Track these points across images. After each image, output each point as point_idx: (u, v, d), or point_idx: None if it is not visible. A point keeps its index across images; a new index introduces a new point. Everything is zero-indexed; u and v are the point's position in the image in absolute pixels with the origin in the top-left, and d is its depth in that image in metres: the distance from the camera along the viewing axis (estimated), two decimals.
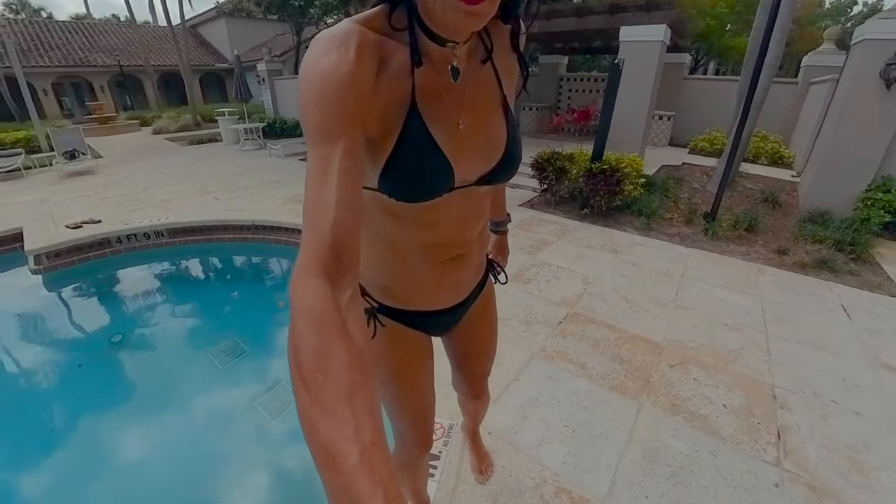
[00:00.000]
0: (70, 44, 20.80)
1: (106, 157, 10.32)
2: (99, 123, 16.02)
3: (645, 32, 5.90)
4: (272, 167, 8.25)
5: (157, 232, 4.81)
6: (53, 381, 3.14)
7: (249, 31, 22.67)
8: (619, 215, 4.95)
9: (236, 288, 4.55)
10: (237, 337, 3.31)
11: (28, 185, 7.71)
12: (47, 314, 4.03)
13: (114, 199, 6.22)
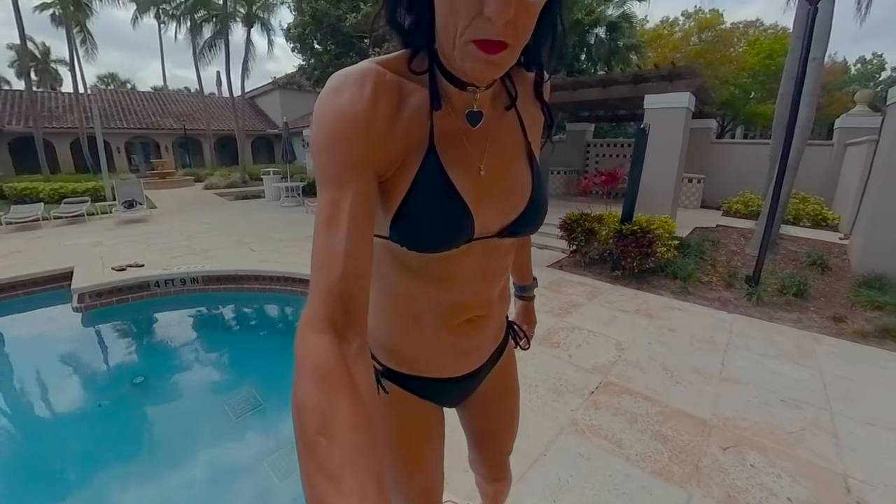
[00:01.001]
0: (145, 110, 23.71)
1: (159, 208, 11.18)
2: (159, 178, 17.64)
3: (669, 100, 6.06)
4: (308, 223, 8.62)
5: (192, 278, 5.00)
6: (73, 417, 3.14)
7: (299, 101, 25.07)
8: (652, 278, 4.75)
9: (259, 338, 4.55)
10: (255, 388, 3.24)
11: (88, 229, 8.38)
12: (79, 351, 4.16)
13: (160, 245, 6.61)
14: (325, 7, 9.33)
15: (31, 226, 8.77)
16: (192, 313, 4.97)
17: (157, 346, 4.30)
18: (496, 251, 0.70)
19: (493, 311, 0.78)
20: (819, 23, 4.44)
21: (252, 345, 4.30)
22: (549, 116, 0.73)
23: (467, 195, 0.60)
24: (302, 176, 14.09)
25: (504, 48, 0.49)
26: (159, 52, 30.18)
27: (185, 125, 22.27)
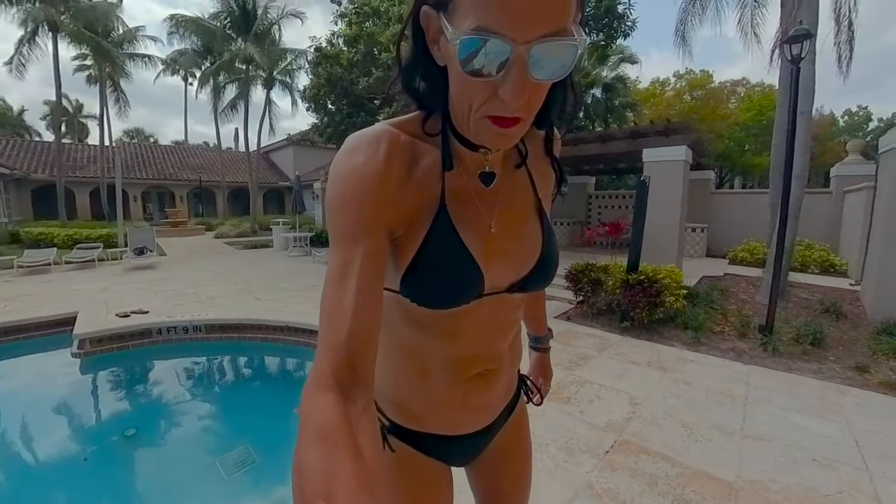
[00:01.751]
0: (165, 162, 24.86)
1: (169, 255, 11.34)
2: (171, 226, 18.08)
3: (666, 153, 6.28)
4: (314, 273, 8.67)
5: (195, 326, 4.95)
6: (53, 469, 2.98)
7: (311, 156, 26.28)
8: (662, 328, 4.64)
9: (258, 390, 4.40)
10: (251, 444, 3.08)
11: (97, 274, 8.47)
12: (73, 399, 4.03)
13: (166, 292, 6.63)
14: (339, 72, 10.04)
15: (41, 270, 8.90)
16: (192, 362, 4.86)
17: (152, 397, 4.16)
18: (506, 305, 0.70)
19: (504, 364, 0.77)
20: (803, 80, 4.71)
21: (251, 397, 4.16)
22: (560, 172, 0.74)
23: (477, 253, 0.61)
24: (310, 226, 14.39)
25: (517, 122, 0.51)
26: (183, 110, 32.17)
27: (200, 177, 23.23)
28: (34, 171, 19.02)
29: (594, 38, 9.41)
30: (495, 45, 0.44)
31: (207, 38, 17.99)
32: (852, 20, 6.28)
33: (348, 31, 9.23)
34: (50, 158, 19.61)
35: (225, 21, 17.66)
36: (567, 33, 0.45)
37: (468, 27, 0.44)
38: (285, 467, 2.87)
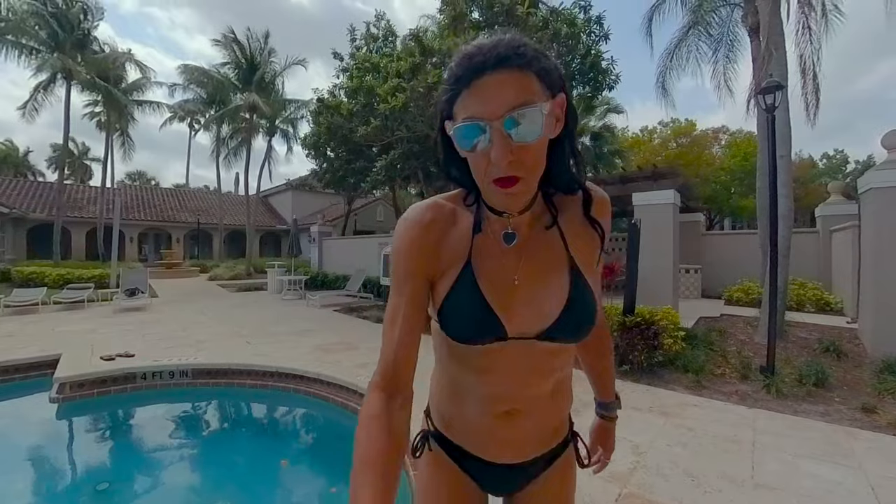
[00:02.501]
0: (164, 204, 25.14)
1: (161, 297, 11.16)
2: (165, 268, 17.98)
3: (656, 197, 6.46)
4: (307, 316, 8.55)
5: (181, 371, 4.78)
6: None
7: (309, 200, 26.74)
8: (662, 372, 4.54)
9: (244, 440, 4.15)
10: (233, 501, 2.88)
11: (86, 315, 8.28)
12: (45, 447, 3.80)
13: (154, 335, 6.46)
14: (339, 121, 10.46)
15: (29, 310, 8.72)
16: (175, 410, 4.63)
17: (130, 447, 3.92)
18: (537, 352, 0.75)
19: (535, 408, 0.80)
20: (779, 126, 4.97)
21: (237, 448, 3.92)
22: (601, 230, 0.80)
23: (496, 300, 0.72)
24: (306, 270, 14.33)
25: (517, 181, 0.62)
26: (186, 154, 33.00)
27: (199, 219, 23.42)
28: (32, 211, 19.12)
29: (581, 91, 9.95)
30: (477, 125, 0.60)
31: (214, 88, 18.88)
32: (816, 73, 6.73)
33: (349, 84, 9.72)
34: (49, 198, 19.81)
35: (232, 72, 18.62)
36: (530, 103, 0.59)
37: (460, 120, 0.62)
38: None
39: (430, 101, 8.07)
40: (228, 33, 18.12)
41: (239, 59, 18.32)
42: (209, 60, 25.86)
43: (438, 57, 8.14)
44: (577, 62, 8.84)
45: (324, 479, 3.34)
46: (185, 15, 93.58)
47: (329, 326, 7.40)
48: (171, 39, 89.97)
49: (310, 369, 4.64)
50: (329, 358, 5.16)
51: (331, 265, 14.50)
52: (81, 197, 22.39)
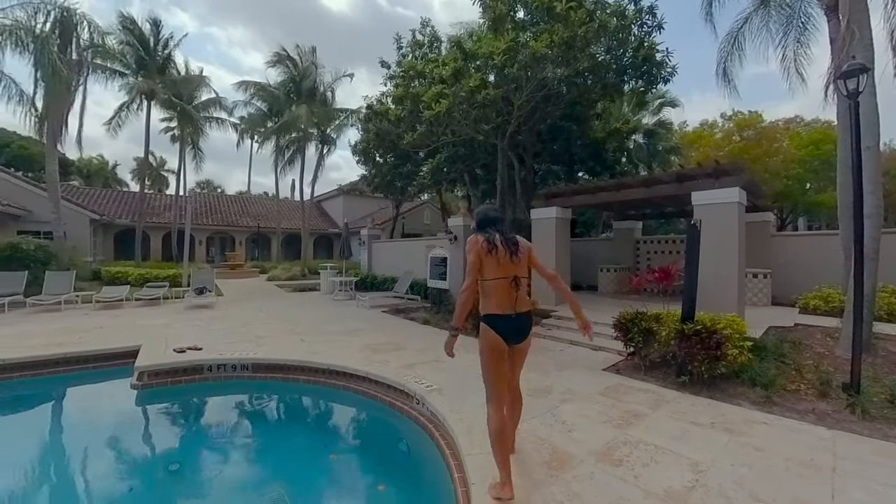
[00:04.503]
0: (228, 210, 27.17)
1: (225, 296, 12.06)
2: (230, 268, 19.39)
3: (718, 196, 6.00)
4: (357, 316, 8.85)
5: (243, 365, 5.13)
6: (103, 495, 3.11)
7: (359, 204, 27.79)
8: (726, 385, 4.20)
9: (297, 432, 4.38)
10: (286, 489, 3.04)
11: (162, 311, 9.13)
12: (126, 429, 4.24)
13: (219, 330, 6.98)
14: (387, 126, 10.78)
15: (115, 305, 9.78)
16: (236, 401, 5.00)
17: (197, 433, 4.29)
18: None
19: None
20: (865, 114, 4.42)
21: (290, 439, 4.15)
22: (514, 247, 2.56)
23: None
24: (356, 271, 14.82)
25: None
26: (247, 164, 35.41)
27: (259, 223, 25.11)
28: (119, 217, 21.41)
29: (633, 86, 9.48)
30: None
31: (271, 101, 20.19)
32: None
33: (396, 92, 10.00)
34: (132, 206, 22.10)
35: (286, 86, 19.80)
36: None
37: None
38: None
39: (474, 104, 8.09)
40: (281, 50, 19.31)
41: (292, 72, 19.48)
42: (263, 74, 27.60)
43: (482, 60, 8.14)
44: (629, 56, 8.47)
45: (371, 477, 3.42)
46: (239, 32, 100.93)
47: (378, 327, 7.60)
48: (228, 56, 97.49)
49: (359, 368, 4.79)
50: (378, 357, 5.30)
51: (380, 267, 14.91)
52: (159, 204, 24.77)
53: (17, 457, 3.64)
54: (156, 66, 18.58)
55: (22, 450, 3.78)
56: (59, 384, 5.16)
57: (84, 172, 34.19)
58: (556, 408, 3.74)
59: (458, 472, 2.77)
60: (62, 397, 5.13)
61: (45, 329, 6.94)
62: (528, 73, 7.75)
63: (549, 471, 2.68)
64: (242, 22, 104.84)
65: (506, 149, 9.59)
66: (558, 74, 8.17)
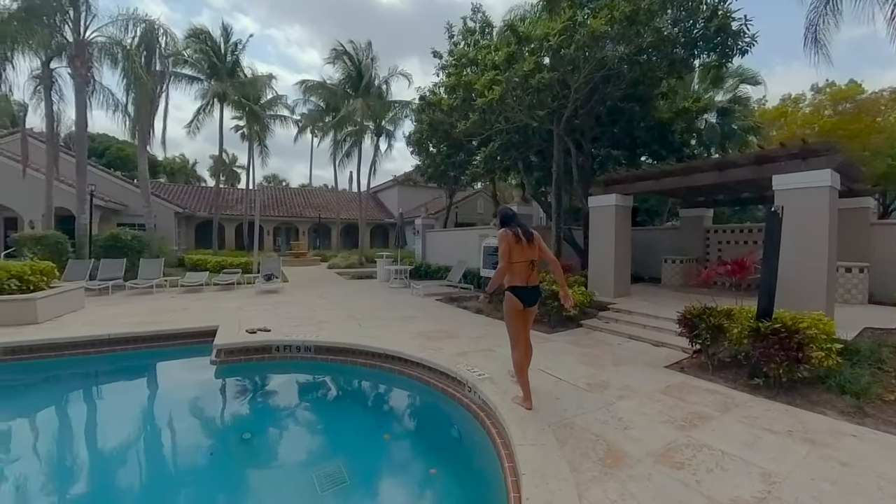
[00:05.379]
0: (292, 202, 28.95)
1: (290, 282, 12.92)
2: (294, 257, 20.70)
3: (805, 179, 5.36)
4: (411, 304, 9.08)
5: (306, 347, 5.49)
6: (187, 458, 3.55)
7: (414, 194, 28.31)
8: (808, 391, 3.80)
9: (354, 412, 4.65)
10: (343, 464, 3.24)
11: (235, 295, 10.00)
12: (207, 400, 4.77)
13: (285, 314, 7.52)
14: (440, 117, 10.81)
15: (196, 289, 10.88)
16: (300, 379, 5.39)
17: (265, 406, 4.69)
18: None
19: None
20: None
21: (347, 418, 4.40)
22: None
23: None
24: (410, 260, 15.16)
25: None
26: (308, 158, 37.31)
27: (320, 214, 26.52)
28: (198, 210, 23.67)
29: (704, 60, 8.63)
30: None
31: (329, 97, 21.06)
32: None
33: (448, 81, 9.96)
34: (209, 200, 24.31)
35: (344, 82, 20.51)
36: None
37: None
38: (371, 492, 2.98)
39: (528, 89, 7.85)
40: (338, 46, 19.97)
41: (348, 68, 20.12)
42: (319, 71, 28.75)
43: (536, 43, 7.85)
44: (700, 27, 7.71)
45: (423, 459, 3.53)
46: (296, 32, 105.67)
47: (431, 314, 7.77)
48: (287, 55, 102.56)
49: (413, 354, 4.94)
50: (431, 344, 5.43)
51: (433, 256, 15.14)
52: (231, 198, 26.95)
53: (119, 417, 4.28)
54: (226, 70, 20.08)
55: (123, 413, 4.42)
56: (153, 357, 5.89)
57: (168, 170, 38.08)
58: (612, 404, 3.62)
59: (508, 461, 2.78)
60: (155, 368, 5.89)
61: (141, 309, 7.90)
62: (585, 54, 7.37)
63: (602, 468, 2.61)
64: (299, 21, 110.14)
65: (562, 134, 9.23)
66: (619, 53, 7.67)
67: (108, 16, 12.25)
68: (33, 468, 3.37)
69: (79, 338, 5.69)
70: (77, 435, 4.18)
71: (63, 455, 3.66)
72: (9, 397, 4.80)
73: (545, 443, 2.86)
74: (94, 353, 5.60)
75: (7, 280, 6.59)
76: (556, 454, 2.71)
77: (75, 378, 5.42)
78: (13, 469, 3.28)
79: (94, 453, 3.73)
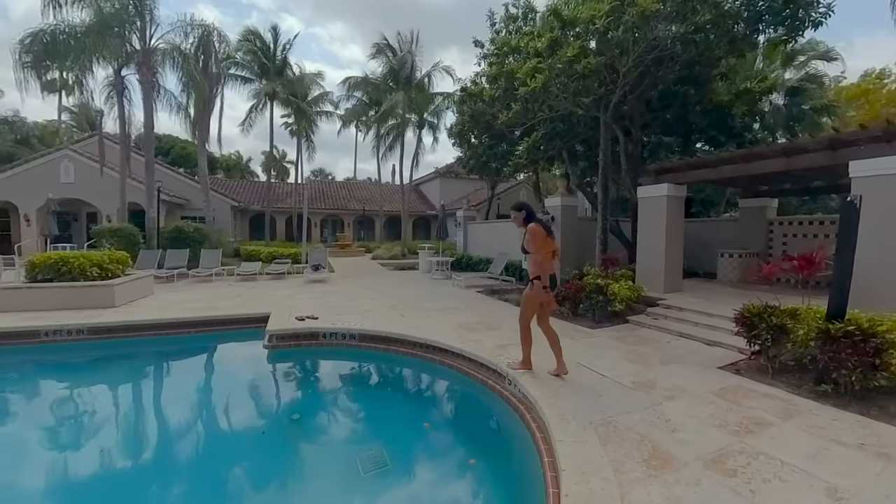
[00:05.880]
0: (337, 195, 29.95)
1: (336, 272, 13.43)
2: (340, 248, 21.49)
3: (889, 165, 4.79)
4: (452, 295, 9.15)
5: (351, 335, 5.71)
6: (242, 435, 3.84)
7: (455, 186, 28.37)
8: (886, 401, 3.44)
9: (398, 400, 4.79)
10: (384, 448, 3.36)
11: (285, 284, 10.55)
12: (260, 381, 5.14)
13: (331, 303, 7.84)
14: (482, 108, 10.70)
15: (250, 278, 11.59)
16: (344, 365, 5.64)
17: (312, 390, 4.98)
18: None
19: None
20: None
21: (389, 405, 4.55)
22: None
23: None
24: (452, 252, 15.25)
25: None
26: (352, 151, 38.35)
27: (364, 207, 27.32)
28: (252, 204, 25.09)
29: (770, 35, 7.85)
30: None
31: (372, 92, 21.45)
32: None
33: (489, 71, 9.81)
34: (261, 194, 25.68)
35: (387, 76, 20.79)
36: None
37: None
38: (411, 477, 3.08)
39: (573, 76, 7.56)
40: (381, 41, 20.22)
41: (391, 62, 20.36)
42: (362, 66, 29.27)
43: (581, 26, 7.51)
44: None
45: (462, 449, 3.59)
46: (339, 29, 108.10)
47: (472, 306, 7.79)
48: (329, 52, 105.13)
49: (454, 345, 4.99)
50: (472, 336, 5.46)
51: (475, 248, 15.13)
52: (282, 192, 28.31)
53: (183, 393, 4.74)
54: (275, 69, 20.99)
55: (186, 389, 4.90)
56: (213, 340, 6.39)
57: (225, 167, 40.56)
58: (658, 404, 3.47)
59: (547, 456, 2.76)
60: (215, 350, 6.42)
61: (202, 295, 8.55)
62: (635, 35, 6.97)
63: (647, 469, 2.52)
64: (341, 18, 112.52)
65: (609, 121, 8.83)
66: (672, 32, 7.18)
67: (169, 23, 13.14)
68: (112, 430, 3.90)
69: (150, 321, 6.28)
70: (147, 406, 4.71)
71: (136, 421, 4.17)
72: (93, 370, 5.52)
73: (587, 440, 2.81)
74: (163, 335, 6.17)
75: (90, 268, 7.35)
76: (598, 452, 2.66)
77: (146, 356, 6.03)
78: (97, 428, 3.84)
79: (161, 421, 4.20)
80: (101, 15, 11.72)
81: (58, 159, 17.45)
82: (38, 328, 5.77)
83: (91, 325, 5.97)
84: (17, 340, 5.64)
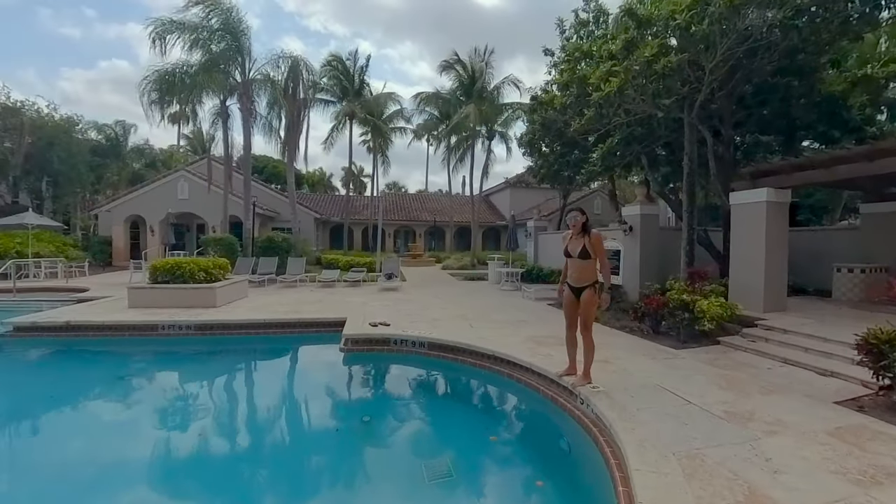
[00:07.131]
0: (410, 206, 31.21)
1: (408, 281, 13.91)
2: (412, 258, 22.27)
3: None
4: (522, 307, 8.99)
5: (421, 343, 5.86)
6: (318, 431, 4.17)
7: (525, 196, 28.07)
8: None
9: (464, 410, 4.79)
10: (450, 458, 3.37)
11: (360, 291, 11.17)
12: (336, 382, 5.50)
13: (403, 311, 8.12)
14: (552, 115, 10.47)
15: (330, 285, 12.44)
16: (414, 372, 5.77)
17: (383, 394, 5.20)
18: (575, 263, 4.01)
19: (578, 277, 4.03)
20: None
21: (456, 415, 4.57)
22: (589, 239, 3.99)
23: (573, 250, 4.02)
24: (522, 263, 14.96)
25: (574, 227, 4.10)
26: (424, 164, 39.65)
27: (435, 218, 28.13)
28: (332, 216, 27.08)
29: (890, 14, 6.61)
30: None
31: (442, 106, 22.11)
32: None
33: (560, 78, 9.58)
34: (340, 206, 27.60)
35: (456, 90, 21.30)
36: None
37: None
38: (475, 492, 3.07)
39: (651, 76, 7.09)
40: (451, 56, 20.84)
41: (461, 76, 20.85)
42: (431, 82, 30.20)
43: (660, 24, 7.04)
44: None
45: (529, 468, 3.46)
46: (408, 48, 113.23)
47: (542, 319, 7.58)
48: (400, 70, 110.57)
49: (523, 358, 4.89)
50: (541, 350, 5.30)
51: (546, 259, 14.72)
52: (359, 204, 30.19)
53: (268, 386, 5.37)
54: (354, 91, 22.57)
55: (271, 382, 5.55)
56: (295, 340, 7.00)
57: (309, 182, 44.30)
58: (756, 439, 3.06)
59: (623, 485, 2.57)
60: (298, 350, 7.02)
61: (288, 299, 9.38)
62: (723, 27, 6.35)
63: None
64: (410, 38, 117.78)
65: (694, 122, 8.11)
66: (768, 19, 6.41)
67: (263, 57, 14.92)
68: (207, 415, 4.53)
69: (245, 320, 7.08)
70: (238, 396, 5.34)
71: (228, 409, 4.75)
72: (197, 362, 6.42)
73: (668, 472, 2.56)
74: (254, 334, 6.93)
75: (198, 272, 8.46)
76: (682, 487, 2.41)
77: (240, 352, 6.78)
78: (195, 412, 4.53)
79: (250, 411, 4.77)
80: (210, 54, 13.63)
81: (175, 179, 20.39)
82: (157, 322, 6.80)
83: (197, 322, 6.89)
84: (143, 333, 6.73)
